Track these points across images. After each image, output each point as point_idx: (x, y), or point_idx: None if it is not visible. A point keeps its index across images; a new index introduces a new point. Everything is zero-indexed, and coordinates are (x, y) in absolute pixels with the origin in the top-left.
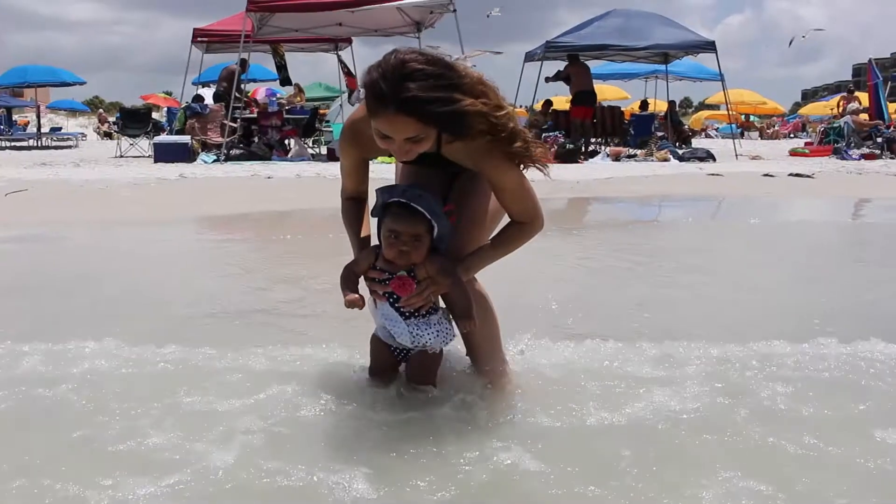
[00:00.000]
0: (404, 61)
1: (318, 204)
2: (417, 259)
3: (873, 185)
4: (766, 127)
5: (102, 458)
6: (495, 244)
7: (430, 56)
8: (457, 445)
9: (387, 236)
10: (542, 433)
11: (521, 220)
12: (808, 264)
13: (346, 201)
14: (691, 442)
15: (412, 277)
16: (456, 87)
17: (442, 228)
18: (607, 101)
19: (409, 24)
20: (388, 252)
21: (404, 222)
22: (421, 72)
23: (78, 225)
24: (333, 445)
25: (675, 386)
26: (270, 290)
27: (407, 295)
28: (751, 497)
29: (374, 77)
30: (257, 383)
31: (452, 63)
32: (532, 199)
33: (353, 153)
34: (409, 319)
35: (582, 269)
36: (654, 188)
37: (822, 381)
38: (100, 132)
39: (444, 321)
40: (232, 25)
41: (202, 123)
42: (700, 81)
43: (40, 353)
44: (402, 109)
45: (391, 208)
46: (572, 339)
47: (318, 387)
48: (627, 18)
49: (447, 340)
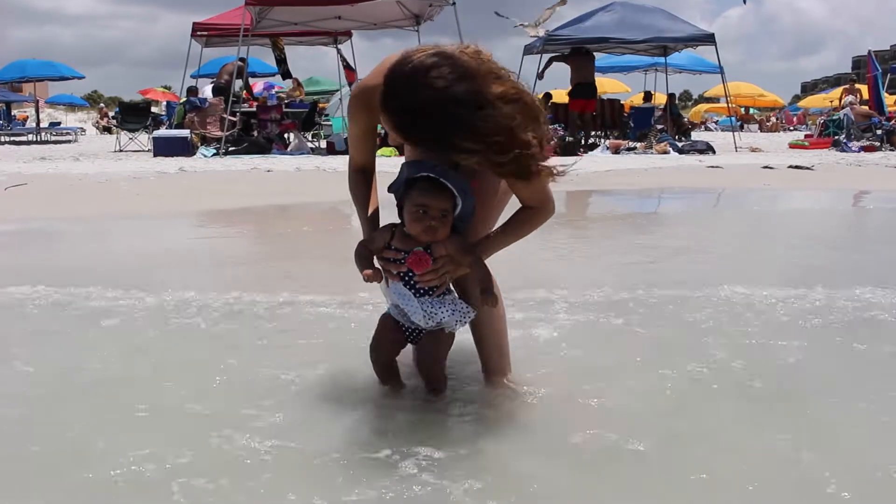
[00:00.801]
0: (427, 85)
1: (316, 198)
2: (444, 235)
3: (872, 176)
4: (766, 120)
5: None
6: (508, 229)
7: (460, 90)
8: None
9: (413, 211)
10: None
11: (533, 204)
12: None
13: (354, 173)
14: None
15: (428, 254)
16: (465, 129)
17: (466, 207)
18: (607, 93)
19: (409, 17)
20: (414, 227)
21: (433, 197)
22: (432, 107)
23: (77, 218)
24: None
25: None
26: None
27: (423, 270)
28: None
29: (397, 80)
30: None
31: (483, 100)
32: (545, 184)
33: (363, 119)
34: (421, 297)
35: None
36: (655, 180)
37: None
38: (99, 126)
39: (460, 301)
40: (231, 19)
41: (201, 117)
42: (699, 74)
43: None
44: (397, 127)
45: (419, 183)
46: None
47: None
48: (627, 11)
49: (464, 319)
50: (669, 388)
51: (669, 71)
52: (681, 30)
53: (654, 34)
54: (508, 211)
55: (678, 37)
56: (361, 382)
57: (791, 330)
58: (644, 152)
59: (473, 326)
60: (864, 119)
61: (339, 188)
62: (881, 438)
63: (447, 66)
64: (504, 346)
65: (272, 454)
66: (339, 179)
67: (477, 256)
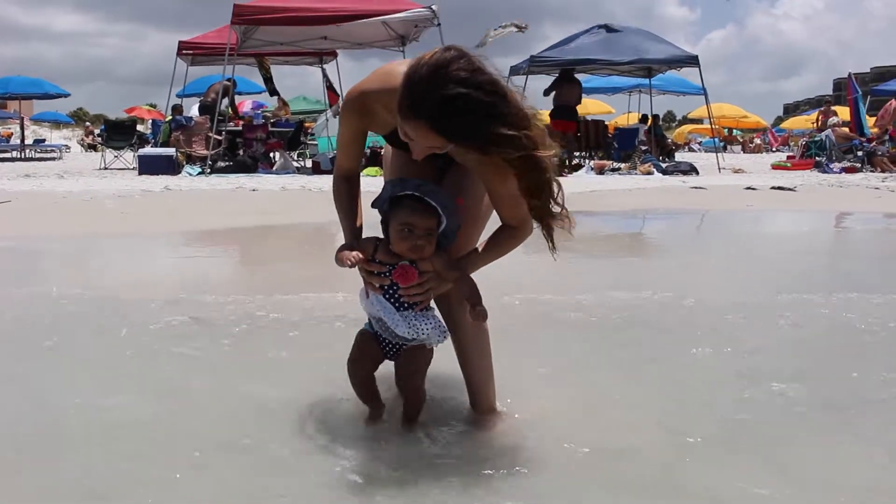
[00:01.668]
0: (452, 79)
1: (303, 218)
2: (429, 253)
3: (853, 197)
4: (749, 141)
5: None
6: (490, 247)
7: (481, 78)
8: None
9: (399, 230)
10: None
11: (513, 224)
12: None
13: (340, 180)
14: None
15: (415, 267)
16: (498, 117)
17: (451, 224)
18: (591, 114)
19: (394, 37)
20: (400, 245)
21: (419, 216)
22: (465, 97)
23: (60, 237)
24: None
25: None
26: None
27: (408, 284)
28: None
29: (420, 79)
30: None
31: (501, 87)
32: (524, 205)
33: (356, 123)
34: (402, 311)
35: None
36: (639, 201)
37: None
38: (84, 144)
39: (440, 319)
40: (217, 38)
41: (187, 136)
42: (683, 95)
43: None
44: (434, 128)
45: (404, 201)
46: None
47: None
48: (611, 33)
49: (443, 337)
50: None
51: (653, 92)
52: (665, 51)
53: (639, 56)
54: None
55: (662, 58)
56: (343, 410)
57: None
58: (628, 173)
59: (460, 349)
60: (845, 141)
61: (325, 208)
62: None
63: (464, 59)
64: (490, 369)
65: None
66: (325, 199)
67: (463, 272)
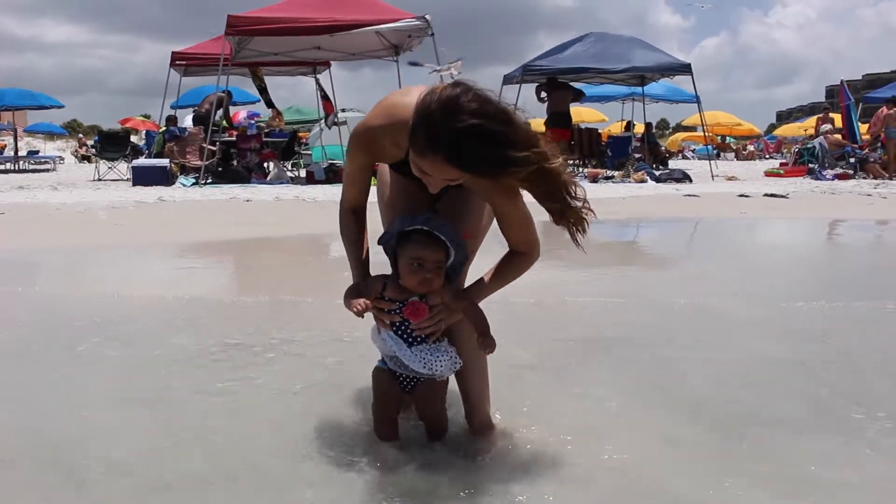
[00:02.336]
0: (464, 111)
1: (297, 229)
2: (438, 286)
3: (845, 204)
4: (742, 148)
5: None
6: (498, 274)
7: (490, 109)
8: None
9: (409, 264)
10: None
11: (522, 249)
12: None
13: (347, 213)
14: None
15: (424, 303)
16: (510, 143)
17: (458, 258)
18: (585, 123)
19: (388, 47)
20: (410, 280)
21: (429, 249)
22: (479, 128)
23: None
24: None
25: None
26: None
27: (419, 320)
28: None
29: (434, 113)
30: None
31: (509, 114)
32: (534, 229)
33: (362, 158)
34: (413, 346)
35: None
36: (633, 209)
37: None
38: (77, 155)
39: (451, 348)
40: (210, 49)
41: (181, 146)
42: (676, 103)
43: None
44: (451, 162)
45: (413, 236)
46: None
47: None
48: (604, 42)
49: (455, 367)
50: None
51: (647, 100)
52: (658, 60)
53: (632, 64)
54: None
55: (655, 67)
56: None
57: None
58: (622, 181)
59: (460, 375)
60: (837, 148)
61: (318, 219)
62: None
63: (470, 92)
64: (486, 391)
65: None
66: (319, 209)
67: (471, 302)
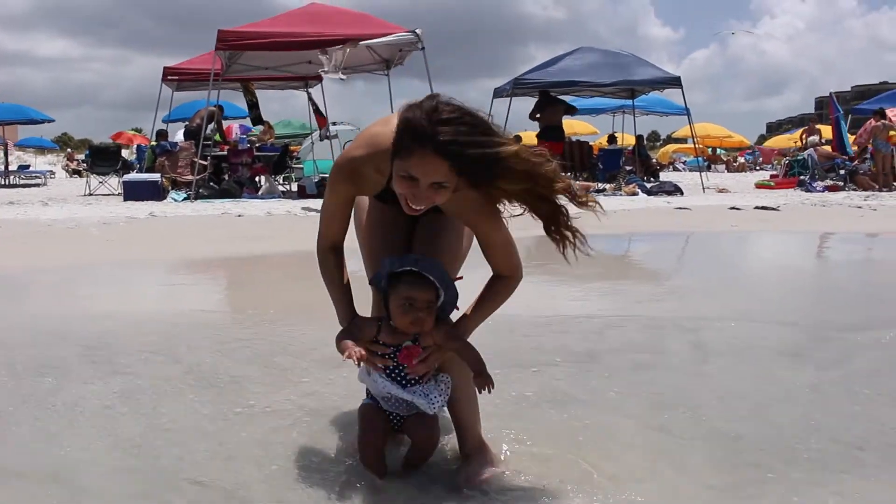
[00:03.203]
0: (446, 109)
1: (290, 245)
2: (430, 325)
3: (835, 217)
4: (733, 160)
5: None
6: (484, 303)
7: (467, 108)
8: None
9: (400, 304)
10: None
11: (506, 273)
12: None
13: (326, 252)
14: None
15: (418, 345)
16: (493, 134)
17: (448, 297)
18: (576, 135)
19: (379, 61)
20: (402, 320)
21: (419, 289)
22: (458, 119)
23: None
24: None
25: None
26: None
27: (413, 364)
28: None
29: (416, 115)
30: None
31: (485, 117)
32: (516, 252)
33: (346, 191)
34: (407, 388)
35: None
36: (624, 223)
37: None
38: (68, 170)
39: (443, 376)
40: (202, 64)
41: (172, 161)
42: (667, 116)
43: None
44: (439, 151)
45: (404, 277)
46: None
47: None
48: (594, 55)
49: (448, 395)
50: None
51: (637, 113)
52: (648, 73)
53: (622, 77)
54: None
55: (645, 80)
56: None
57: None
58: (613, 194)
59: (450, 401)
60: (827, 160)
61: (310, 234)
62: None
63: (444, 101)
64: (477, 408)
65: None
66: (311, 224)
67: (464, 342)
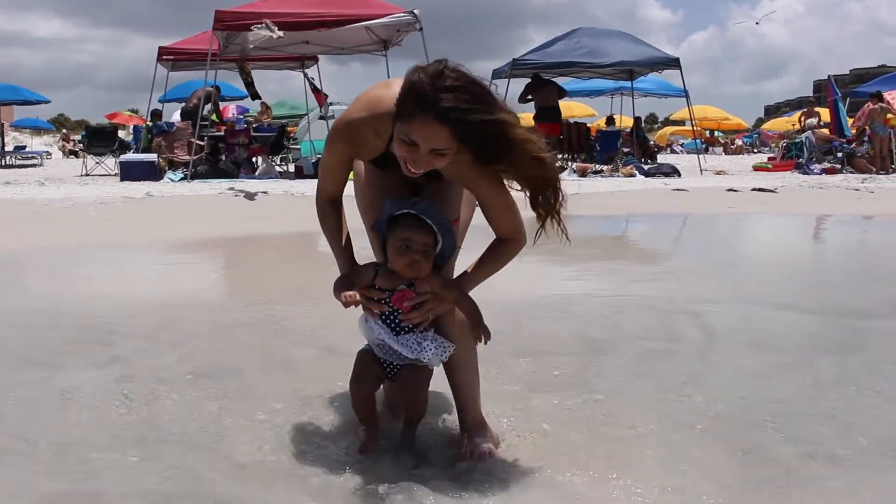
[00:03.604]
0: (450, 76)
1: (286, 226)
2: (426, 270)
3: (833, 199)
4: (731, 142)
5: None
6: (486, 262)
7: (471, 76)
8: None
9: (397, 246)
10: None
11: (509, 236)
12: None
13: (325, 205)
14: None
15: (413, 290)
16: (494, 103)
17: (447, 244)
18: (574, 117)
19: (377, 42)
20: (398, 261)
21: (416, 231)
22: (462, 88)
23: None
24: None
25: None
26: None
27: (405, 307)
28: None
29: (420, 79)
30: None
31: (488, 86)
32: (519, 214)
33: (345, 152)
34: (400, 336)
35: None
36: (622, 204)
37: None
38: (65, 150)
39: (440, 337)
40: (198, 44)
41: (169, 141)
42: (665, 98)
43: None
44: (441, 118)
45: (402, 219)
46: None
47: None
48: (593, 37)
49: (446, 354)
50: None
51: (635, 94)
52: (646, 54)
53: (620, 59)
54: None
55: (644, 61)
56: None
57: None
58: (611, 175)
59: (449, 364)
60: (825, 142)
61: (307, 214)
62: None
63: (451, 67)
64: (478, 383)
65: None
66: (308, 204)
67: (461, 291)
